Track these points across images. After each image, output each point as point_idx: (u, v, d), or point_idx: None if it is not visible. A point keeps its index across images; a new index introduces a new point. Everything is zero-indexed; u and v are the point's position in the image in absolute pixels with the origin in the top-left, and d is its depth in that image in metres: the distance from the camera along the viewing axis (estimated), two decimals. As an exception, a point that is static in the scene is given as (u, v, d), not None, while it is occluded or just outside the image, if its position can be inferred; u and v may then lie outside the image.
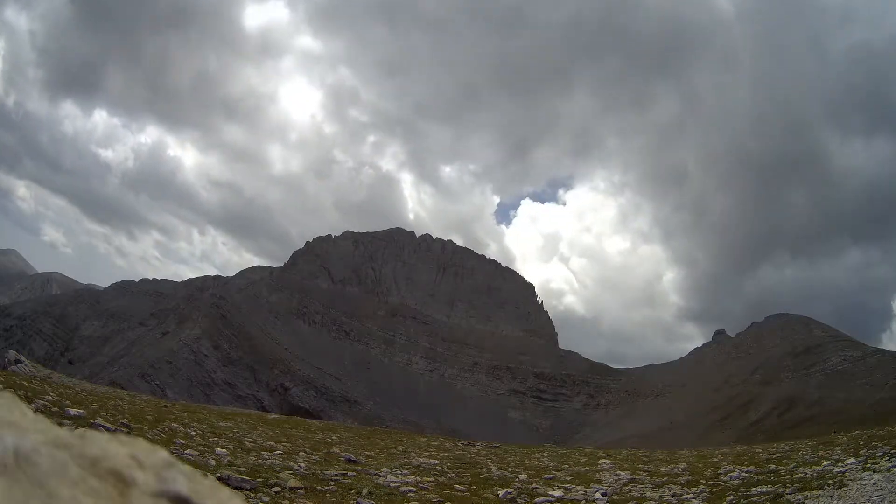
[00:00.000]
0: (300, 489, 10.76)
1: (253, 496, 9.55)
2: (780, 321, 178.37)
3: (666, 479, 16.05)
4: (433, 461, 18.85)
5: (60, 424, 1.55)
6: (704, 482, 14.95)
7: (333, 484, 12.16)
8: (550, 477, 16.78)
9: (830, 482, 12.50)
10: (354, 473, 14.08)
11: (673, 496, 13.29)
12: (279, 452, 16.32)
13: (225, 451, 14.55)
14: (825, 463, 15.59)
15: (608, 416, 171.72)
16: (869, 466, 13.66)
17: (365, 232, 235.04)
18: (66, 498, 1.21)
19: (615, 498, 13.39)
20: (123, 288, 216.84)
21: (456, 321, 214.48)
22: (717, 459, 21.16)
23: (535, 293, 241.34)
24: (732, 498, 12.52)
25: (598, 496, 13.37)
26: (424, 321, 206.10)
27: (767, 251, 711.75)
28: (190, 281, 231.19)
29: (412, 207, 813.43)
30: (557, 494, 13.39)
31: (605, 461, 21.69)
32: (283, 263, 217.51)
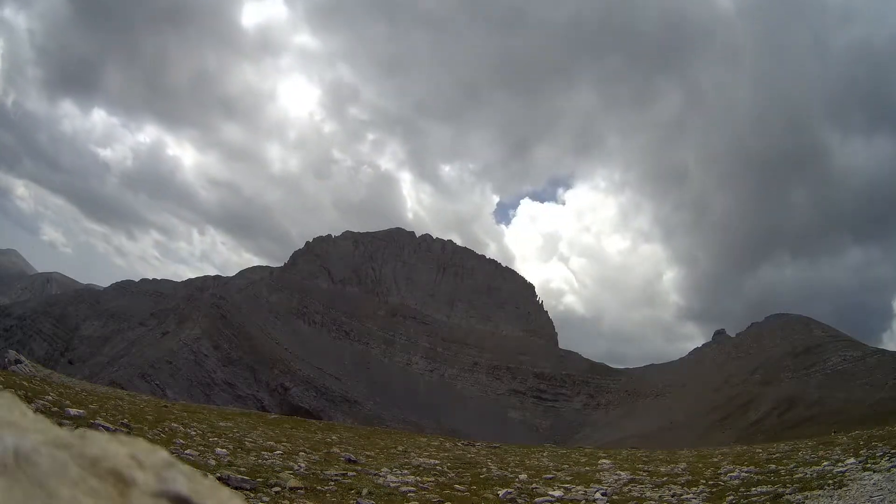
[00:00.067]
0: (300, 489, 10.76)
1: (253, 496, 9.55)
2: (780, 321, 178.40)
3: (666, 479, 16.05)
4: (433, 461, 18.84)
5: (60, 424, 1.55)
6: (704, 482, 14.94)
7: (333, 484, 12.16)
8: (550, 477, 16.78)
9: (830, 482, 12.49)
10: (354, 473, 14.08)
11: (673, 496, 13.29)
12: (279, 452, 16.31)
13: (225, 451, 14.55)
14: (825, 463, 15.59)
15: (608, 416, 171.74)
16: (869, 466, 13.66)
17: (365, 232, 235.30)
18: (66, 498, 1.21)
19: (615, 498, 13.38)
20: (123, 288, 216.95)
21: (456, 321, 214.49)
22: (717, 459, 21.15)
23: (535, 293, 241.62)
24: (732, 498, 12.52)
25: (598, 496, 13.37)
26: (424, 321, 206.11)
27: (768, 251, 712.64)
28: (190, 281, 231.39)
29: (411, 207, 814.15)
30: (557, 494, 13.39)
31: (605, 461, 21.68)
32: (282, 263, 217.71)
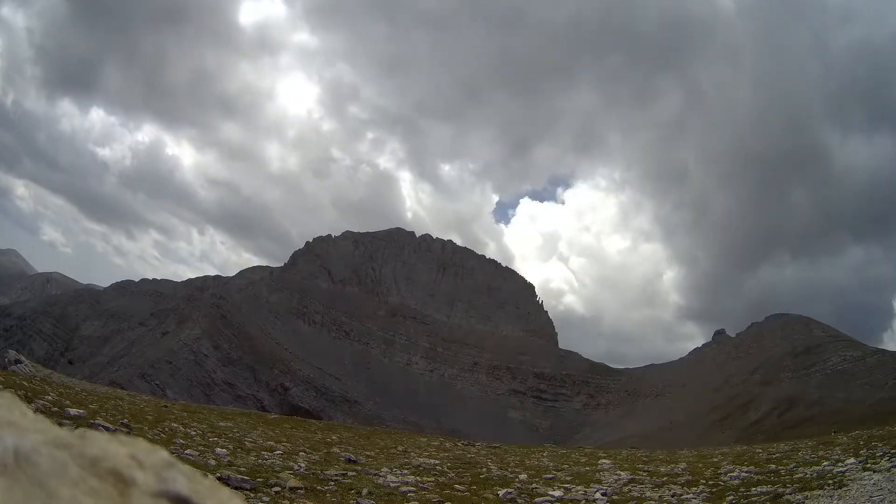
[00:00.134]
0: (300, 489, 10.76)
1: (253, 496, 9.55)
2: (780, 321, 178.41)
3: (666, 479, 16.04)
4: (433, 461, 18.84)
5: (60, 424, 1.55)
6: (704, 482, 14.94)
7: (333, 484, 12.16)
8: (550, 477, 16.78)
9: (830, 482, 12.49)
10: (354, 473, 14.08)
11: (673, 496, 13.29)
12: (279, 452, 16.31)
13: (225, 451, 14.55)
14: (825, 463, 15.58)
15: (608, 416, 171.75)
16: (869, 466, 13.66)
17: (365, 232, 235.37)
18: (66, 498, 1.21)
19: (615, 498, 13.38)
20: (123, 288, 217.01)
21: (456, 321, 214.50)
22: (717, 459, 21.15)
23: (535, 293, 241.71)
24: (732, 498, 12.52)
25: (598, 496, 13.37)
26: (424, 321, 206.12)
27: (768, 250, 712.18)
28: (190, 281, 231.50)
29: (410, 206, 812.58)
30: (557, 494, 13.39)
31: (605, 461, 21.68)
32: (282, 263, 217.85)
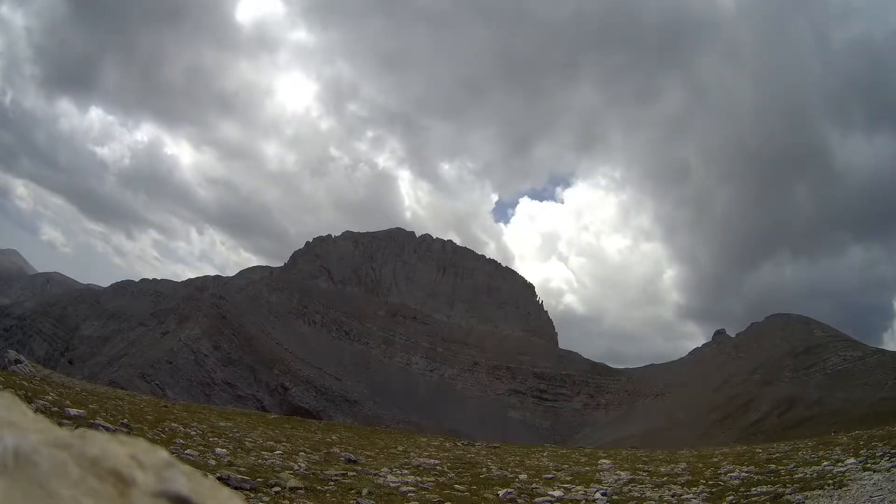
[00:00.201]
0: (300, 489, 10.76)
1: (253, 496, 9.55)
2: (780, 321, 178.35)
3: (666, 479, 16.05)
4: (433, 461, 18.84)
5: (60, 424, 1.55)
6: (704, 482, 14.94)
7: (333, 484, 12.16)
8: (550, 477, 16.78)
9: (830, 482, 12.49)
10: (354, 473, 14.08)
11: (673, 496, 13.29)
12: (279, 452, 16.32)
13: (225, 451, 14.55)
14: (825, 463, 15.59)
15: (608, 416, 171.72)
16: (869, 466, 13.67)
17: (365, 232, 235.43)
18: (66, 498, 1.21)
19: (615, 498, 13.38)
20: (123, 288, 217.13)
21: (456, 321, 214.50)
22: (717, 459, 21.16)
23: (535, 293, 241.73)
24: (732, 498, 12.52)
25: (598, 496, 13.38)
26: (424, 321, 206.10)
27: (769, 249, 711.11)
28: (190, 281, 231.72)
29: (409, 205, 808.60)
30: (557, 494, 13.39)
31: (605, 461, 21.69)
32: (281, 263, 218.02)
